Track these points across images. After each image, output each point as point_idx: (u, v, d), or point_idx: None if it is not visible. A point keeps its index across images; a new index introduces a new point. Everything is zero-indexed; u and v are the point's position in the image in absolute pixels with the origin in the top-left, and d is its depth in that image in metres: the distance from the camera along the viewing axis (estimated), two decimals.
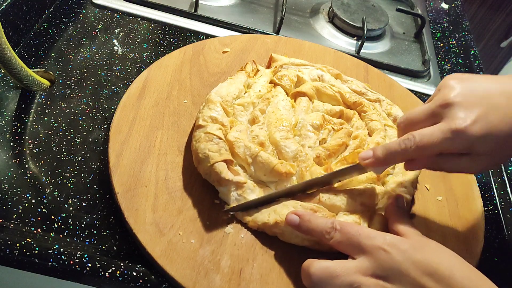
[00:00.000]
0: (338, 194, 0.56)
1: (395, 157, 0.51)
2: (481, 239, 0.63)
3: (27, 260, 0.48)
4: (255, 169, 0.56)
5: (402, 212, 0.53)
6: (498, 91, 0.49)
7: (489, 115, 0.47)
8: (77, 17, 0.79)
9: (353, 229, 0.47)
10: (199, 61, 0.72)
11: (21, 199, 0.53)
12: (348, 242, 0.47)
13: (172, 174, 0.56)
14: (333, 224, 0.48)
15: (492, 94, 0.48)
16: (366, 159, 0.53)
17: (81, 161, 0.59)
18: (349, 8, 0.98)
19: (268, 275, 0.51)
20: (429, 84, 0.91)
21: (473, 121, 0.47)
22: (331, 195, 0.56)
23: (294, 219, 0.51)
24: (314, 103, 0.67)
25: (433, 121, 0.49)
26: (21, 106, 0.63)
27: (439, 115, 0.49)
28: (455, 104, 0.48)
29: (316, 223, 0.50)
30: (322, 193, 0.56)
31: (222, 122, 0.58)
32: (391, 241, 0.46)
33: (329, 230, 0.48)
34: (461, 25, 1.12)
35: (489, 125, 0.47)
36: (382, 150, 0.52)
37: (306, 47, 0.82)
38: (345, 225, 0.48)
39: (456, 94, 0.49)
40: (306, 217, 0.51)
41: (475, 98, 0.48)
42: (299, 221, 0.51)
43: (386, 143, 0.53)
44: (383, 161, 0.52)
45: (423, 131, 0.49)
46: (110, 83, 0.69)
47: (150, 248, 0.49)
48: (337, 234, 0.48)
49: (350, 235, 0.47)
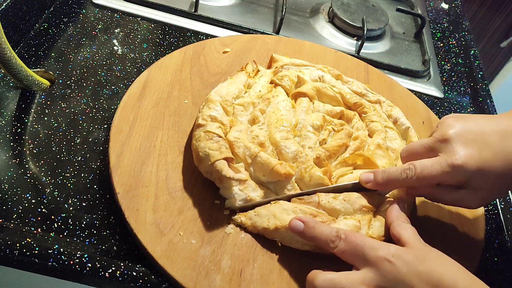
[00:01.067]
0: (337, 197, 0.55)
1: (395, 184, 0.55)
2: (481, 239, 0.63)
3: (27, 260, 0.48)
4: (255, 170, 0.56)
5: (403, 217, 0.53)
6: (492, 129, 0.52)
7: (483, 152, 0.50)
8: (77, 17, 0.79)
9: (357, 239, 0.48)
10: (199, 61, 0.72)
11: (21, 199, 0.53)
12: (352, 252, 0.47)
13: (172, 174, 0.56)
14: (338, 233, 0.49)
15: (487, 132, 0.52)
16: (367, 182, 0.55)
17: (81, 161, 0.59)
18: (349, 8, 0.98)
19: (269, 276, 0.51)
20: (429, 84, 0.92)
21: (469, 157, 0.50)
22: (331, 198, 0.55)
23: (298, 225, 0.51)
24: (314, 104, 0.67)
25: (432, 154, 0.53)
26: (21, 106, 0.63)
27: (438, 149, 0.52)
28: (453, 140, 0.51)
29: (321, 230, 0.50)
30: (322, 196, 0.55)
31: (221, 121, 0.58)
32: (395, 252, 0.46)
33: (334, 238, 0.48)
34: (461, 25, 1.12)
35: (483, 161, 0.50)
36: (382, 176, 0.54)
37: (307, 47, 0.82)
38: (350, 235, 0.48)
39: (454, 131, 0.52)
40: (311, 224, 0.50)
41: (471, 135, 0.51)
42: (303, 228, 0.50)
43: (387, 169, 0.54)
44: (383, 186, 0.55)
45: (423, 162, 0.52)
46: (110, 83, 0.69)
47: (151, 248, 0.49)
48: (341, 243, 0.48)
49: (354, 245, 0.47)
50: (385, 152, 0.62)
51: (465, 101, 0.92)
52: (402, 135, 0.68)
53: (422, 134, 0.73)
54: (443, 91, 0.91)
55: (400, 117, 0.70)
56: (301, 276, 0.52)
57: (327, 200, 0.55)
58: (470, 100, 0.92)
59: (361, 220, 0.54)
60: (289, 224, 0.51)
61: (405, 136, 0.68)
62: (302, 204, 0.54)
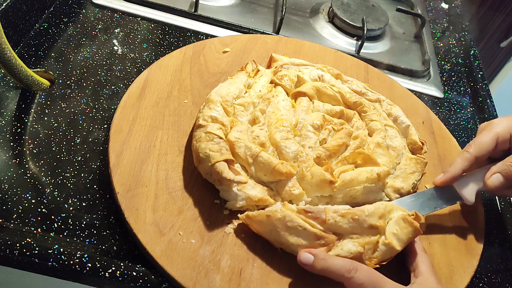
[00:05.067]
0: (346, 216, 0.52)
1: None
2: (481, 239, 0.63)
3: (27, 260, 0.48)
4: (256, 169, 0.56)
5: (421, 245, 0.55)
6: None
7: None
8: (77, 17, 0.79)
9: (377, 275, 0.49)
10: (199, 61, 0.72)
11: (21, 199, 0.53)
12: (372, 286, 0.48)
13: (172, 174, 0.56)
14: (353, 264, 0.49)
15: None
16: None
17: (81, 161, 0.59)
18: (349, 8, 0.98)
19: (268, 276, 0.51)
20: (429, 84, 0.92)
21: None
22: (339, 216, 0.52)
23: (308, 259, 0.49)
24: (314, 103, 0.67)
25: None
26: (21, 106, 0.63)
27: None
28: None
29: (333, 262, 0.49)
30: (329, 214, 0.52)
31: (222, 121, 0.58)
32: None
33: (350, 268, 0.48)
34: (461, 25, 1.12)
35: None
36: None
37: (306, 47, 0.82)
38: (368, 268, 0.49)
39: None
40: (321, 256, 0.49)
41: None
42: (313, 261, 0.49)
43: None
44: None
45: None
46: (110, 83, 0.69)
47: (150, 248, 0.49)
48: (359, 274, 0.48)
49: (374, 279, 0.48)
50: (385, 151, 0.62)
51: (465, 101, 0.92)
52: (402, 133, 0.68)
53: (422, 134, 0.73)
54: (443, 91, 0.91)
55: (400, 115, 0.70)
56: (301, 276, 0.52)
57: (334, 219, 0.52)
58: (470, 100, 0.92)
59: (366, 245, 0.52)
60: (298, 257, 0.50)
61: (406, 134, 0.68)
62: (309, 219, 0.52)
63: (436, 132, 0.76)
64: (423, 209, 0.59)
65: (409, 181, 0.61)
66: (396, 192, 0.60)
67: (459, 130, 0.85)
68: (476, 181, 0.61)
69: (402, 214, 0.54)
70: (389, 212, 0.54)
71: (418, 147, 0.66)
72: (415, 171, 0.62)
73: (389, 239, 0.52)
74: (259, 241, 0.53)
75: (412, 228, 0.53)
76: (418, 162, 0.63)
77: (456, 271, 0.58)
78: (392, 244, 0.52)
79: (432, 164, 0.70)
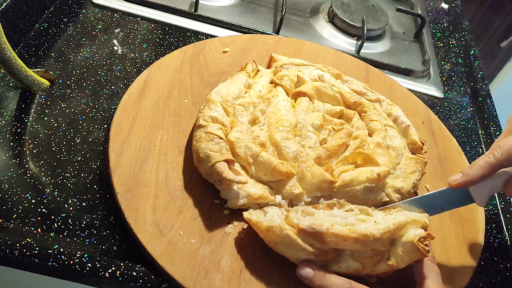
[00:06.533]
0: (348, 240, 0.48)
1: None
2: (481, 239, 0.63)
3: (27, 260, 0.48)
4: (256, 169, 0.56)
5: (432, 255, 0.53)
6: None
7: None
8: (77, 17, 0.79)
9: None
10: (199, 61, 0.72)
11: (21, 199, 0.53)
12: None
13: (172, 174, 0.56)
14: (351, 285, 0.49)
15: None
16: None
17: (81, 161, 0.59)
18: (349, 8, 0.98)
19: (268, 276, 0.51)
20: (429, 84, 0.92)
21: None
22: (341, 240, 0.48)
23: (307, 273, 0.49)
24: (314, 103, 0.67)
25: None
26: (21, 106, 0.63)
27: None
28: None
29: (332, 280, 0.49)
30: (330, 238, 0.48)
31: (222, 122, 0.58)
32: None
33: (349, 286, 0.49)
34: (461, 25, 1.12)
35: None
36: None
37: (306, 47, 0.82)
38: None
39: None
40: (321, 272, 0.50)
41: None
42: (313, 275, 0.49)
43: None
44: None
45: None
46: (110, 83, 0.69)
47: (150, 248, 0.49)
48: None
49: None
50: (385, 151, 0.62)
51: (465, 101, 0.92)
52: (402, 133, 0.68)
53: (422, 134, 0.73)
54: (443, 91, 0.91)
55: (400, 115, 0.70)
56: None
57: (335, 243, 0.49)
58: (470, 100, 0.92)
59: (366, 264, 0.50)
60: (298, 270, 0.50)
61: (406, 134, 0.68)
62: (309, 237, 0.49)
63: (436, 132, 0.76)
64: (430, 210, 0.56)
65: (409, 181, 0.61)
66: (396, 192, 0.60)
67: (459, 130, 0.85)
68: (493, 186, 0.55)
69: (413, 238, 0.49)
70: (400, 230, 0.50)
71: (418, 147, 0.66)
72: (415, 170, 0.62)
73: (392, 261, 0.50)
74: (259, 241, 0.53)
75: (419, 253, 0.50)
76: (418, 161, 0.63)
77: (456, 271, 0.58)
78: (394, 265, 0.50)
79: (432, 164, 0.70)
